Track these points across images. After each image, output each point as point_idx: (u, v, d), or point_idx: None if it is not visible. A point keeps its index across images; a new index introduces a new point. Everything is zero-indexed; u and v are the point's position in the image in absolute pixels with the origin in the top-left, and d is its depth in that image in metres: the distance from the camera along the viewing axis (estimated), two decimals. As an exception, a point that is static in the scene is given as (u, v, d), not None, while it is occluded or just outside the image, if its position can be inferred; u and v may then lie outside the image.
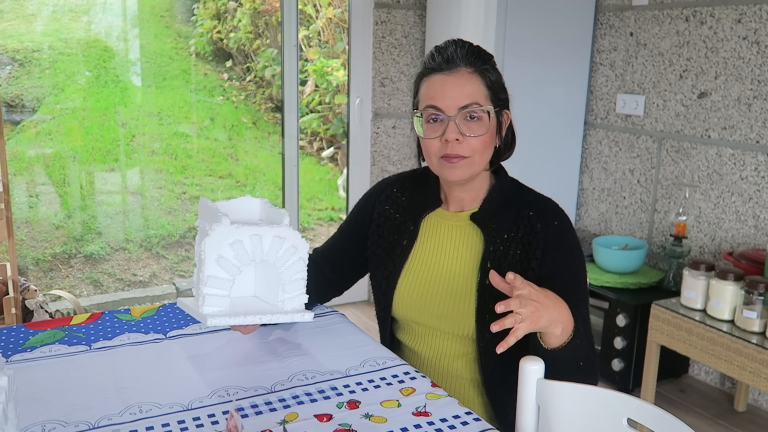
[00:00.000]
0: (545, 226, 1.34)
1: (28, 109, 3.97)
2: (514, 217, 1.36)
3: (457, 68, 1.31)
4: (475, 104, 1.30)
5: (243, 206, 1.32)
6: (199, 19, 4.82)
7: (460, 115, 1.30)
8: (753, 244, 2.72)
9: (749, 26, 2.65)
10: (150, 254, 4.14)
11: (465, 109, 1.29)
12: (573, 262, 1.35)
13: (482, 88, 1.32)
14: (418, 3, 3.54)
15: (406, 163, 3.71)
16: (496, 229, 1.36)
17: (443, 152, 1.31)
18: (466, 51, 1.32)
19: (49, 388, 1.19)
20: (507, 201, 1.38)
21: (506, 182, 1.41)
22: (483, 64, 1.33)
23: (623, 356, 2.78)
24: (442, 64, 1.31)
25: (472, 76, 1.31)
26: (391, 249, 1.45)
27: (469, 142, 1.30)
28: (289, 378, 1.26)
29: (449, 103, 1.30)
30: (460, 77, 1.30)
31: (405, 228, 1.45)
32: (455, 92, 1.30)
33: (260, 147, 4.86)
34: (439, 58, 1.32)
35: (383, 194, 1.52)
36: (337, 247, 1.57)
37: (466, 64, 1.31)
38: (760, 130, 2.66)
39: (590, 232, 3.44)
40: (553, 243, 1.33)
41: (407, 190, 1.50)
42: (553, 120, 3.25)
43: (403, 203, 1.49)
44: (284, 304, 1.25)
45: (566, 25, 3.19)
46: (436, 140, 1.32)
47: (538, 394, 1.12)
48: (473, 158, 1.32)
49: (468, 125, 1.30)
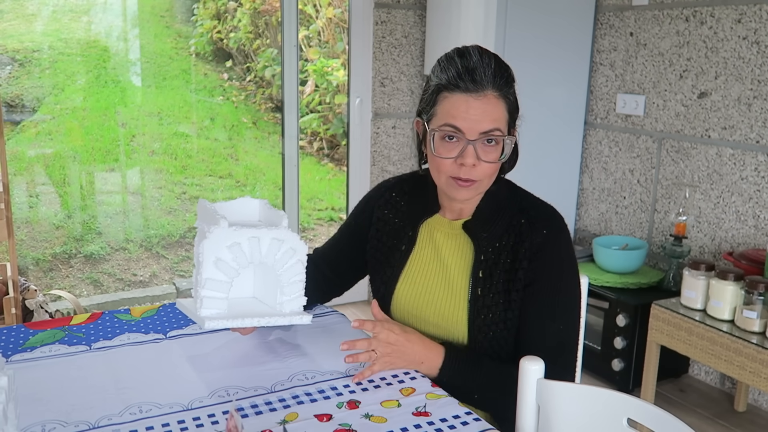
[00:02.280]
0: (534, 235, 1.32)
1: (28, 109, 3.97)
2: (506, 225, 1.35)
3: (484, 91, 1.25)
4: (497, 130, 1.26)
5: (242, 208, 1.32)
6: (199, 19, 4.82)
7: (480, 139, 1.26)
8: (753, 244, 2.72)
9: (749, 26, 2.65)
10: (150, 254, 4.14)
11: (486, 134, 1.26)
12: (554, 274, 1.32)
13: (504, 113, 1.28)
14: (418, 3, 3.54)
15: (406, 163, 3.71)
16: (487, 238, 1.35)
17: (455, 174, 1.27)
18: (492, 71, 1.26)
19: (49, 388, 1.19)
20: (500, 208, 1.37)
21: (500, 188, 1.38)
22: (506, 86, 1.28)
23: (623, 356, 2.78)
24: (470, 84, 1.25)
25: (497, 102, 1.26)
26: (390, 254, 1.45)
27: (482, 167, 1.27)
28: (289, 378, 1.26)
29: (472, 126, 1.25)
30: (486, 102, 1.25)
31: (404, 233, 1.45)
32: (479, 117, 1.25)
33: (260, 147, 4.86)
34: (468, 78, 1.25)
35: (383, 198, 1.51)
36: (337, 248, 1.57)
37: (494, 87, 1.26)
38: (760, 130, 2.66)
39: (590, 232, 3.45)
40: (539, 252, 1.31)
41: (406, 194, 1.49)
42: (553, 120, 3.25)
43: (402, 208, 1.48)
44: (282, 306, 1.25)
45: (566, 25, 3.18)
46: (449, 160, 1.27)
47: (538, 394, 1.12)
48: (483, 182, 1.30)
49: (485, 149, 1.27)
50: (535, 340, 1.32)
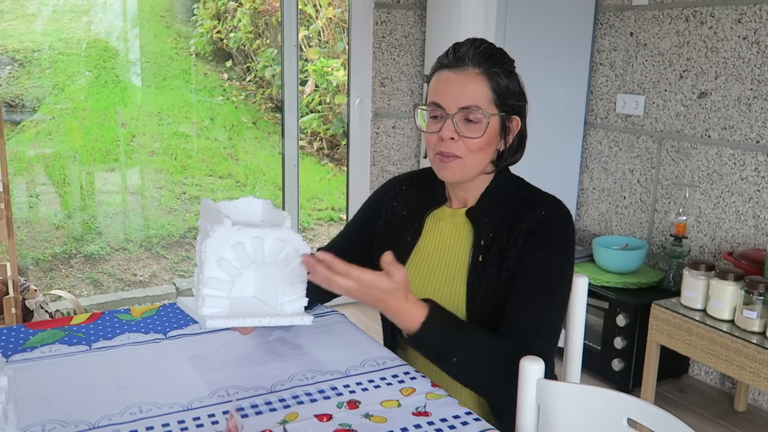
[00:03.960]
0: (532, 216, 1.32)
1: (28, 109, 3.97)
2: (507, 211, 1.36)
3: (465, 67, 1.29)
4: (475, 107, 1.28)
5: (245, 207, 1.32)
6: (199, 19, 4.82)
7: (460, 114, 1.29)
8: (753, 244, 2.72)
9: (749, 26, 2.65)
10: (150, 254, 4.14)
11: (465, 109, 1.29)
12: (544, 254, 1.30)
13: (486, 91, 1.29)
14: (418, 3, 3.54)
15: (406, 163, 3.71)
16: (488, 223, 1.36)
17: (438, 149, 1.32)
18: (479, 51, 1.30)
19: (49, 388, 1.19)
20: (505, 197, 1.38)
21: (506, 179, 1.40)
22: (493, 66, 1.30)
23: (623, 356, 2.78)
24: (452, 61, 1.30)
25: (478, 77, 1.29)
26: (396, 245, 1.45)
27: (464, 142, 1.30)
28: (289, 378, 1.26)
29: (450, 101, 1.29)
30: (466, 77, 1.29)
31: (410, 224, 1.46)
32: (458, 91, 1.29)
33: (260, 147, 4.86)
34: (452, 55, 1.31)
35: (392, 191, 1.53)
36: (343, 243, 1.57)
37: (475, 64, 1.29)
38: (760, 130, 2.66)
39: (590, 232, 3.45)
40: (532, 231, 1.30)
41: (415, 187, 1.51)
42: (553, 120, 3.25)
43: (410, 200, 1.49)
44: (284, 306, 1.25)
45: (566, 25, 3.18)
46: (433, 135, 1.32)
47: (538, 394, 1.12)
48: (465, 159, 1.31)
49: (465, 126, 1.30)
50: (518, 311, 1.28)
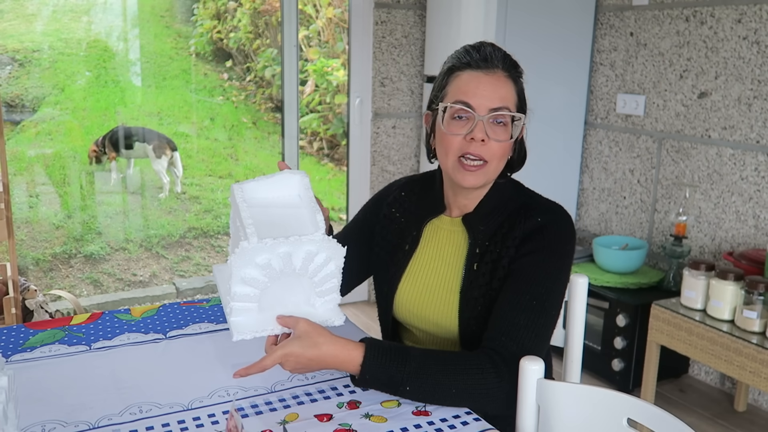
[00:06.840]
0: (526, 221, 1.31)
1: (28, 109, 3.97)
2: (504, 218, 1.34)
3: (494, 69, 1.28)
4: (505, 108, 1.27)
5: (281, 186, 1.23)
6: (199, 19, 4.82)
7: (490, 116, 1.27)
8: (753, 244, 2.72)
9: (749, 26, 2.65)
10: (150, 254, 4.14)
11: (495, 111, 1.27)
12: (534, 258, 1.28)
13: (513, 94, 1.30)
14: (418, 3, 3.54)
15: (406, 163, 3.71)
16: (484, 230, 1.34)
17: (464, 150, 1.27)
18: (501, 54, 1.30)
19: (49, 388, 1.19)
20: (503, 204, 1.36)
21: (505, 185, 1.38)
22: (515, 71, 1.31)
23: (623, 356, 2.78)
24: (480, 61, 1.28)
25: (507, 81, 1.29)
26: (394, 253, 1.45)
27: (491, 146, 1.27)
28: (289, 378, 1.26)
29: (482, 102, 1.26)
30: (497, 79, 1.28)
31: (408, 233, 1.44)
32: (490, 92, 1.27)
33: (260, 147, 4.86)
34: (476, 55, 1.28)
35: (391, 196, 1.51)
36: (341, 244, 1.56)
37: (504, 67, 1.29)
38: (760, 130, 2.66)
39: (590, 232, 3.45)
40: (526, 238, 1.29)
41: (415, 194, 1.49)
42: (553, 120, 3.25)
43: (409, 207, 1.48)
44: (316, 309, 1.21)
45: (566, 25, 3.19)
46: (458, 138, 1.28)
47: (538, 394, 1.12)
48: (491, 164, 1.29)
49: (494, 128, 1.27)
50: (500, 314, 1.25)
